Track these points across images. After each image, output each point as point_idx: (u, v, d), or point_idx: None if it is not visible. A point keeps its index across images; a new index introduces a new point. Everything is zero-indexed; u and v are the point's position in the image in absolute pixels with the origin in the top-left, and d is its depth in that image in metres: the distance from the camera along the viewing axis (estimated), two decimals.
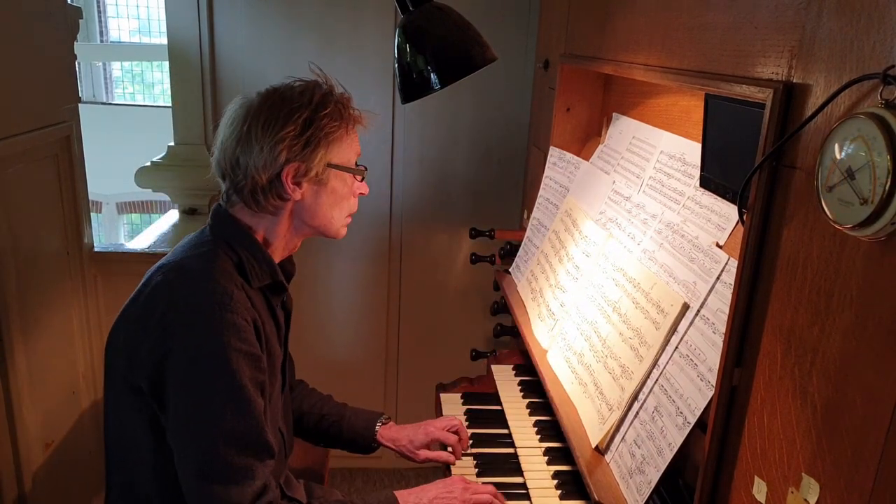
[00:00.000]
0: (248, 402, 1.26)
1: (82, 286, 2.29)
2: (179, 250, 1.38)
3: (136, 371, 1.28)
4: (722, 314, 1.17)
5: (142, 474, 1.35)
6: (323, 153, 1.35)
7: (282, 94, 1.35)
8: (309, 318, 3.01)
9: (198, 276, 1.30)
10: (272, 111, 1.33)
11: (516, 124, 2.86)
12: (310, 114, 1.33)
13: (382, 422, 1.76)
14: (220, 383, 1.24)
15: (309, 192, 1.38)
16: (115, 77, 8.97)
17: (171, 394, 1.25)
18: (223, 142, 1.36)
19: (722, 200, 1.30)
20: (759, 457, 0.99)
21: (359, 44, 2.74)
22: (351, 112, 1.42)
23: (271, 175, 1.32)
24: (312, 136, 1.33)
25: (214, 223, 1.39)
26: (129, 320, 1.33)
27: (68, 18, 2.21)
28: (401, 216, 2.95)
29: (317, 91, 1.37)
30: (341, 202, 1.43)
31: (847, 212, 0.79)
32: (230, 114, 1.38)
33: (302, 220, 1.42)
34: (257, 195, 1.34)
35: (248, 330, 1.28)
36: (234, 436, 1.25)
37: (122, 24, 8.95)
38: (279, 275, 1.41)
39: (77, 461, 2.27)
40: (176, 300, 1.26)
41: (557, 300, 1.83)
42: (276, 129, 1.31)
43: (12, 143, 1.88)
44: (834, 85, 0.85)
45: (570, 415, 1.54)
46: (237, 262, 1.35)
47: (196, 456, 1.25)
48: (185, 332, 1.24)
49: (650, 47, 1.43)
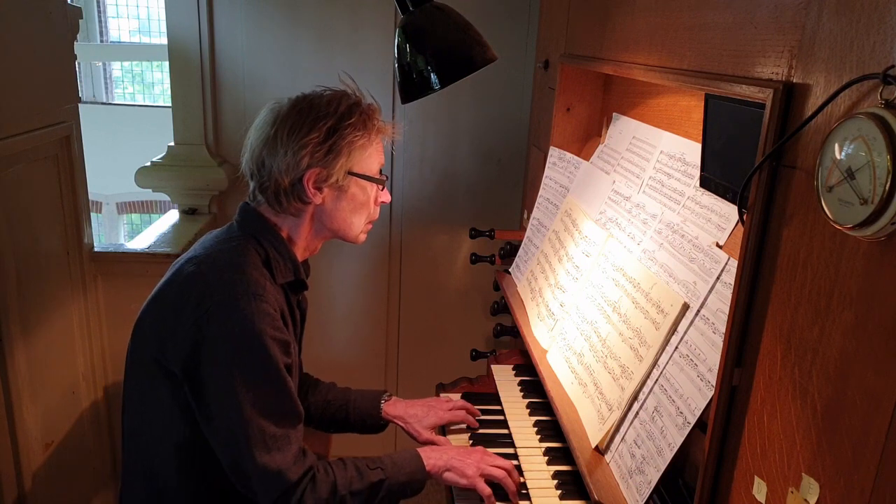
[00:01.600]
0: (283, 381, 1.35)
1: (82, 286, 2.29)
2: (208, 244, 1.44)
3: (169, 357, 1.33)
4: (722, 314, 1.17)
5: (164, 462, 1.40)
6: (344, 161, 1.41)
7: (310, 102, 1.42)
8: (309, 317, 3.00)
9: (231, 266, 1.36)
10: (299, 117, 1.39)
11: (516, 124, 2.86)
12: (334, 122, 1.39)
13: (385, 399, 1.80)
14: (259, 366, 1.32)
15: (329, 197, 1.44)
16: (115, 77, 8.97)
17: (207, 378, 1.31)
18: (252, 143, 1.44)
19: (722, 200, 1.30)
20: (759, 457, 0.99)
21: (359, 44, 2.74)
22: (376, 123, 1.46)
23: (293, 178, 1.39)
24: (335, 144, 1.39)
25: (242, 219, 1.47)
26: (160, 308, 1.38)
27: (68, 18, 2.21)
28: (401, 216, 2.95)
29: (344, 101, 1.43)
30: (361, 209, 1.49)
31: (847, 212, 0.79)
32: (261, 117, 1.45)
33: (322, 223, 1.48)
34: (280, 196, 1.41)
35: (278, 318, 1.36)
36: (271, 410, 1.33)
37: (122, 24, 8.96)
38: (301, 272, 1.49)
39: (77, 461, 2.27)
40: (211, 289, 1.32)
41: (557, 300, 1.83)
42: (300, 135, 1.37)
43: (12, 143, 1.88)
44: (834, 85, 0.85)
45: (570, 415, 1.54)
46: (264, 257, 1.42)
47: (238, 433, 1.31)
48: (222, 320, 1.30)
49: (650, 47, 1.43)
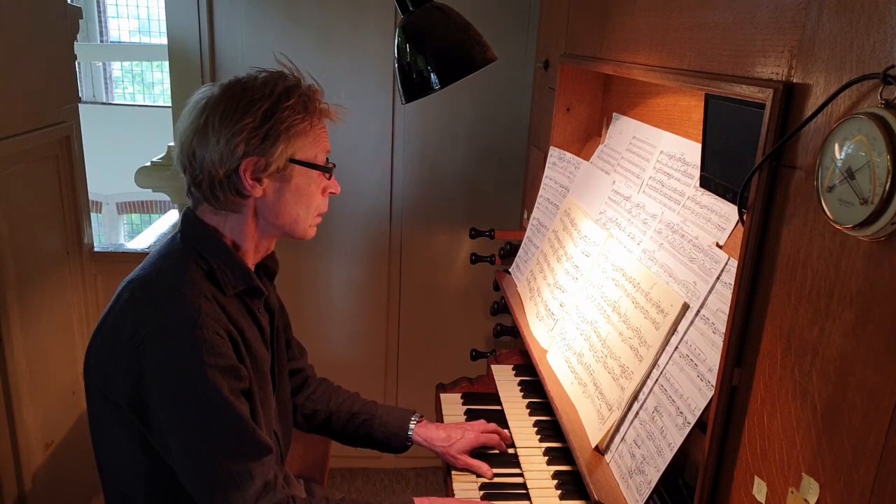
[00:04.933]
0: (232, 413, 1.23)
1: (82, 286, 2.29)
2: (150, 260, 1.34)
3: (113, 391, 1.25)
4: (722, 314, 1.17)
5: (134, 488, 1.33)
6: (284, 147, 1.28)
7: (243, 85, 1.29)
8: (309, 317, 3.01)
9: (164, 292, 1.25)
10: (231, 101, 1.26)
11: (516, 124, 2.86)
12: (270, 105, 1.26)
13: (417, 420, 1.71)
14: (202, 403, 1.21)
15: (271, 189, 1.31)
16: (115, 77, 8.98)
17: (153, 411, 1.23)
18: (182, 133, 1.30)
19: (722, 200, 1.30)
20: (759, 457, 0.99)
21: (359, 44, 2.74)
22: (318, 105, 1.34)
23: (228, 169, 1.26)
24: (272, 129, 1.26)
25: (184, 229, 1.35)
26: (100, 339, 1.30)
27: (68, 18, 2.21)
28: (401, 216, 2.95)
29: (280, 82, 1.30)
30: (307, 201, 1.36)
31: (847, 212, 0.79)
32: (190, 104, 1.31)
33: (266, 219, 1.35)
34: (215, 190, 1.28)
35: (220, 344, 1.23)
36: (223, 446, 1.23)
37: (122, 24, 8.96)
38: (254, 280, 1.36)
39: (77, 461, 2.27)
40: (143, 319, 1.22)
41: (557, 300, 1.83)
42: (233, 121, 1.25)
43: (12, 143, 1.88)
44: (834, 85, 0.85)
45: (569, 415, 1.54)
46: (208, 270, 1.30)
47: (191, 469, 1.24)
48: (156, 352, 1.20)
49: (650, 47, 1.43)
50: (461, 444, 1.65)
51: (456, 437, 1.66)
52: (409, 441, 1.70)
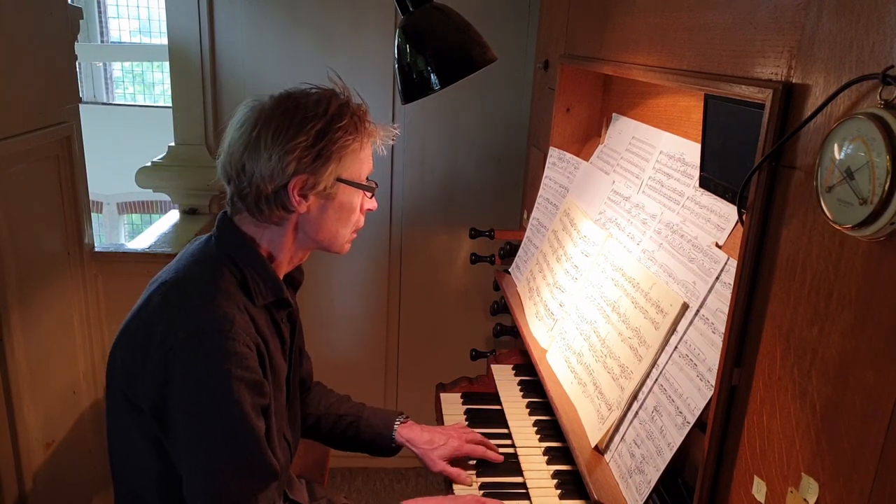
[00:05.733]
0: (250, 430, 1.23)
1: (83, 286, 2.29)
2: (183, 262, 1.33)
3: (137, 393, 1.25)
4: (721, 314, 1.17)
5: (148, 490, 1.33)
6: (334, 167, 1.29)
7: (296, 101, 1.29)
8: (309, 318, 3.00)
9: (198, 298, 1.25)
10: (284, 118, 1.26)
11: (516, 124, 2.86)
12: (324, 125, 1.27)
13: (401, 421, 1.70)
14: (223, 414, 1.21)
15: (315, 205, 1.32)
16: (115, 77, 8.98)
17: (173, 418, 1.22)
18: (230, 145, 1.30)
19: (721, 200, 1.30)
20: (759, 456, 0.99)
21: (359, 44, 2.74)
22: (367, 126, 1.35)
23: (277, 186, 1.26)
24: (325, 149, 1.27)
25: (220, 234, 1.35)
26: (128, 340, 1.29)
27: (69, 18, 2.21)
28: (401, 216, 2.95)
29: (333, 101, 1.31)
30: (348, 217, 1.38)
31: (846, 212, 0.79)
32: (240, 115, 1.31)
33: (306, 233, 1.36)
34: (261, 204, 1.29)
35: (250, 357, 1.23)
36: (236, 464, 1.23)
37: (122, 24, 8.97)
38: (284, 292, 1.37)
39: (77, 461, 2.27)
40: (176, 325, 1.21)
41: (556, 300, 1.83)
42: (287, 138, 1.25)
43: (13, 144, 1.88)
44: (833, 85, 0.85)
45: (569, 414, 1.55)
46: (241, 279, 1.30)
47: (200, 482, 1.23)
48: (186, 359, 1.20)
49: (650, 48, 1.43)
50: (442, 450, 1.64)
51: (439, 442, 1.65)
52: (394, 442, 1.69)
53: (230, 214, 1.36)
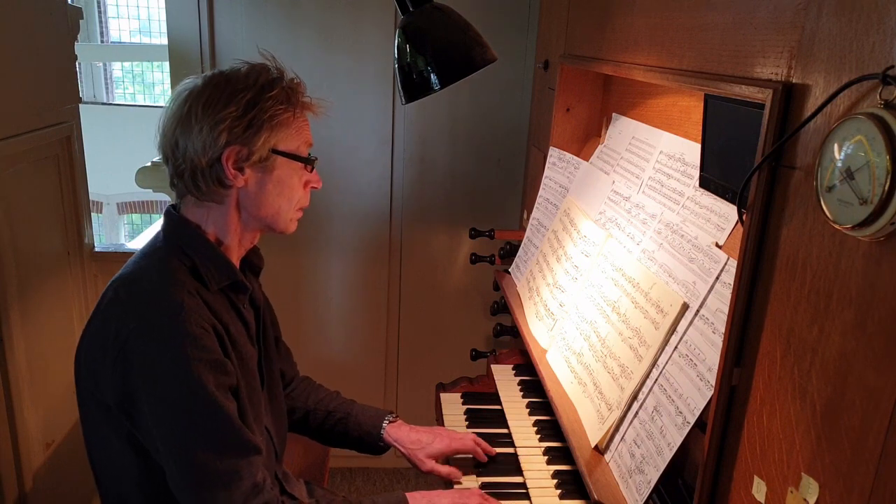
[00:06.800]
0: (217, 407, 1.22)
1: (83, 286, 2.29)
2: (133, 260, 1.35)
3: (104, 391, 1.25)
4: (721, 314, 1.17)
5: (129, 488, 1.33)
6: (266, 136, 1.29)
7: (227, 76, 1.31)
8: (309, 317, 3.01)
9: (147, 289, 1.26)
10: (214, 91, 1.28)
11: (516, 124, 2.86)
12: (253, 95, 1.28)
13: (390, 420, 1.69)
14: (186, 396, 1.21)
15: (253, 179, 1.32)
16: (115, 77, 8.98)
17: (139, 410, 1.22)
18: (164, 123, 1.32)
19: (721, 200, 1.31)
20: (759, 456, 0.99)
21: (359, 44, 2.74)
22: (300, 98, 1.35)
23: (211, 158, 1.27)
24: (255, 118, 1.28)
25: (166, 226, 1.35)
26: (88, 341, 1.30)
27: (69, 19, 2.21)
28: (401, 216, 2.95)
29: (264, 73, 1.32)
30: (289, 193, 1.37)
31: (846, 212, 0.79)
32: (174, 95, 1.33)
33: (248, 212, 1.35)
34: (197, 180, 1.29)
35: (205, 337, 1.23)
36: (210, 443, 1.23)
37: (122, 24, 8.97)
38: (238, 275, 1.36)
39: (77, 461, 2.27)
40: (127, 317, 1.23)
41: (556, 300, 1.83)
42: (216, 110, 1.26)
43: (13, 144, 1.88)
44: (833, 85, 0.85)
45: (569, 414, 1.55)
46: (191, 266, 1.31)
47: (179, 470, 1.23)
48: (141, 348, 1.20)
49: (650, 48, 1.43)
50: (430, 449, 1.63)
51: (426, 441, 1.64)
52: (382, 441, 1.68)
53: (175, 203, 1.38)
